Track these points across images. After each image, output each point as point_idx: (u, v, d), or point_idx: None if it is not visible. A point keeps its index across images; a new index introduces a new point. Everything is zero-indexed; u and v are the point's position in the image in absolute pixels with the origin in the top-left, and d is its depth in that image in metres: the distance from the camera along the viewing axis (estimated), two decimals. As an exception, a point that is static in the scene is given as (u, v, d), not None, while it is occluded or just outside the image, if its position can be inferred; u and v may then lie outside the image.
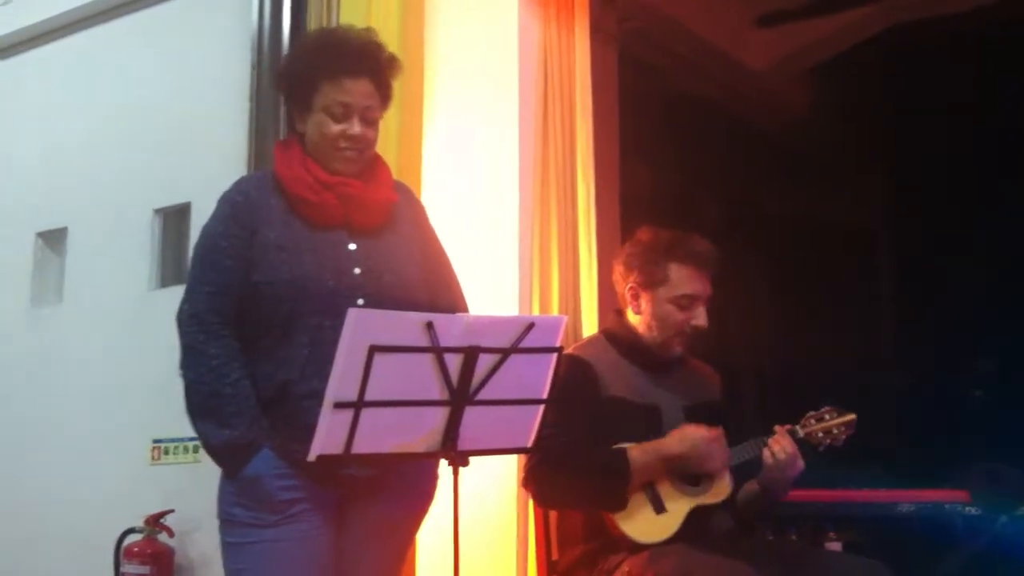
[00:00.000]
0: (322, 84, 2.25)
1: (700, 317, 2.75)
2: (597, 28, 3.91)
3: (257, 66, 3.75)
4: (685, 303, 2.74)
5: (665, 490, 2.63)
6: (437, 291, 2.35)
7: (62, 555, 4.07)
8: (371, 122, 2.29)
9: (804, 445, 2.67)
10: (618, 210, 4.37)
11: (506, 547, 3.09)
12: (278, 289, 2.17)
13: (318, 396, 1.93)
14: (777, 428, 2.67)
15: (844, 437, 2.69)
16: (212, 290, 2.20)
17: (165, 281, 4.18)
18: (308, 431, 1.94)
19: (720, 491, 2.67)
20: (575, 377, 2.65)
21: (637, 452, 2.60)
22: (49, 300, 4.54)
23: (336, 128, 2.25)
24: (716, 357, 3.01)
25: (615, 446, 2.62)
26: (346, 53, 2.28)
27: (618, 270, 2.85)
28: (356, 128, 2.26)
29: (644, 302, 2.78)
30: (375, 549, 2.26)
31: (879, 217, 6.60)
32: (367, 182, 2.31)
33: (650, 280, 2.76)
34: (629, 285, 2.81)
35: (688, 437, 2.62)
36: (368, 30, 2.39)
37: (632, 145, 4.63)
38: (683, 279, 2.74)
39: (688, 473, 2.63)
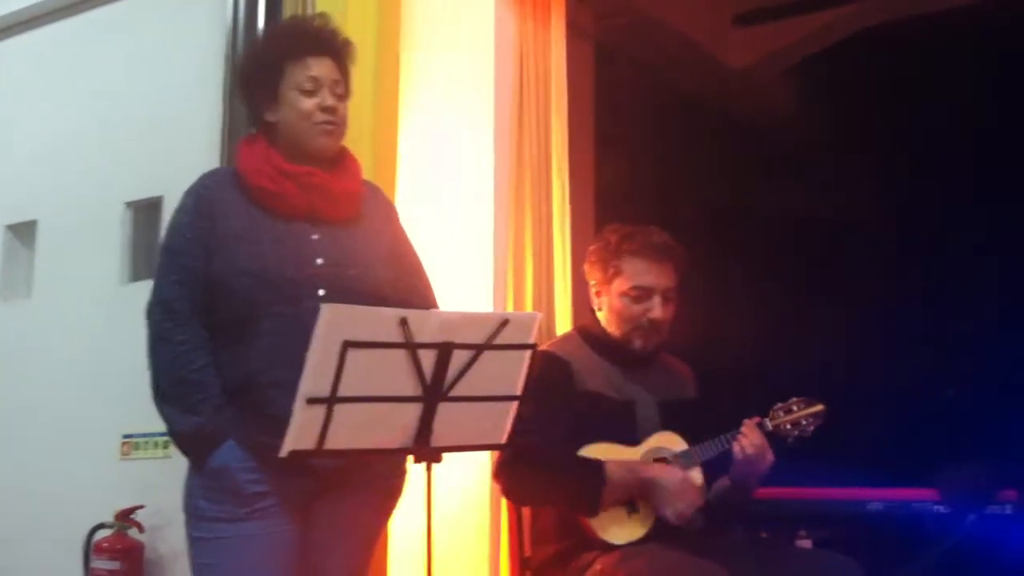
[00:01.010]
0: (286, 67, 2.26)
1: (656, 309, 2.72)
2: (573, 24, 3.91)
3: (231, 60, 3.71)
4: (638, 295, 2.72)
5: (637, 489, 2.62)
6: (409, 292, 2.34)
7: (31, 550, 4.03)
8: (340, 97, 2.29)
9: (773, 437, 2.67)
10: (593, 207, 4.38)
11: (479, 544, 3.09)
12: (239, 279, 2.16)
13: (283, 385, 1.93)
14: (746, 422, 2.66)
15: (812, 428, 2.69)
16: (178, 279, 2.20)
17: (136, 275, 4.13)
18: (274, 422, 1.93)
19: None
20: (550, 373, 2.64)
21: (614, 466, 2.58)
22: (18, 294, 4.49)
23: (310, 102, 2.25)
24: (700, 355, 3.00)
25: (589, 446, 2.60)
26: (306, 35, 2.31)
27: (585, 269, 2.86)
28: (329, 100, 2.26)
29: (604, 298, 2.78)
30: (343, 544, 2.26)
31: (866, 215, 6.62)
32: (333, 172, 2.29)
33: (606, 275, 2.76)
34: (592, 283, 2.81)
35: (666, 471, 2.61)
36: (322, 15, 2.40)
37: (611, 142, 4.63)
38: (635, 271, 2.72)
39: (652, 502, 2.60)
